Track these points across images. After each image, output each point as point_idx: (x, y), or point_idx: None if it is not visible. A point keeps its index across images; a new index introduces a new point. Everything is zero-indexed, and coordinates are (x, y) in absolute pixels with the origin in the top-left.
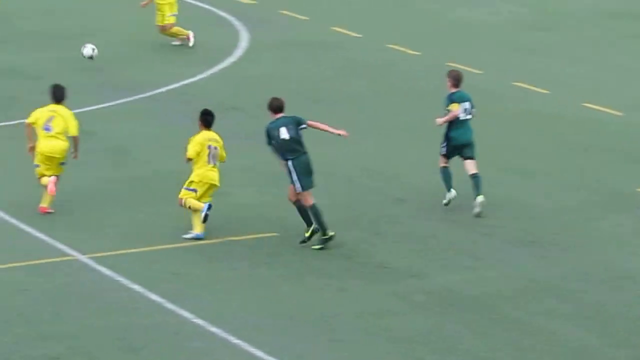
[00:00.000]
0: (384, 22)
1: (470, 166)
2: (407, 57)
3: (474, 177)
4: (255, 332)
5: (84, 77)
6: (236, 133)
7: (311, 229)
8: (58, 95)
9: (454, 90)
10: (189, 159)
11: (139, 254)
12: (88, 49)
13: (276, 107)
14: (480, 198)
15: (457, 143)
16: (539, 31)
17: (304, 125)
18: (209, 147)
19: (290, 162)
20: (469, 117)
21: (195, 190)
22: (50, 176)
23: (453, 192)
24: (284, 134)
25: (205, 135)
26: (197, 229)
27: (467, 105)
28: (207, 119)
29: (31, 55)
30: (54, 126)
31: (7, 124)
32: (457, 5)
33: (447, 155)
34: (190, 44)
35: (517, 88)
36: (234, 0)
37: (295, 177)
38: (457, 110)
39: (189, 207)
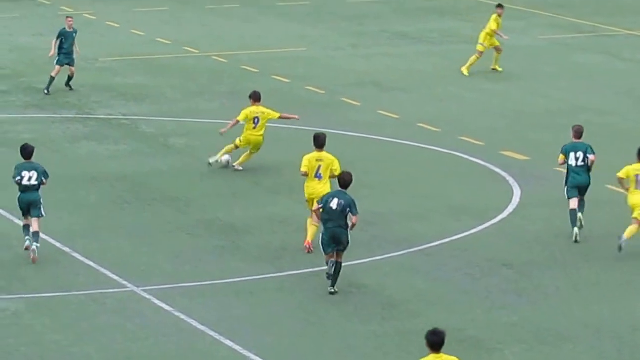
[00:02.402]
0: None
1: (573, 203)
2: None
3: (574, 211)
4: None
5: (355, 230)
6: (504, 290)
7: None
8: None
9: (574, 141)
10: None
11: None
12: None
13: (343, 183)
14: (576, 230)
15: (572, 185)
16: None
17: (352, 211)
18: None
19: (324, 230)
20: (580, 164)
21: None
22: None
23: (576, 230)
24: (334, 204)
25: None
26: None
27: (579, 154)
28: None
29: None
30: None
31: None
32: None
33: (569, 197)
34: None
35: None
36: (507, 156)
37: (321, 243)
38: (561, 160)
39: None
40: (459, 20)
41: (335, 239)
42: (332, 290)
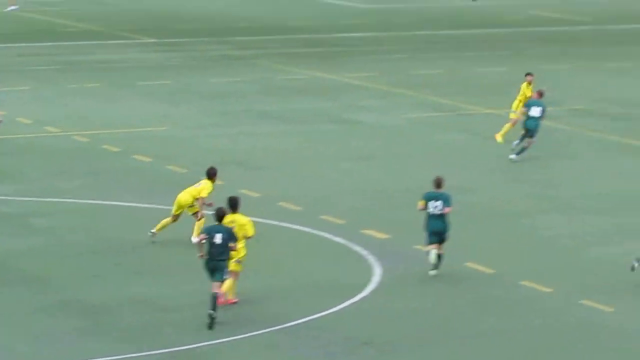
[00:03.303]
0: (518, 257)
1: (435, 248)
2: (540, 294)
3: (439, 255)
4: None
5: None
6: None
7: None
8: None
9: (434, 190)
10: None
11: None
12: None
13: (219, 216)
14: (433, 272)
15: (430, 231)
16: None
17: (232, 245)
18: None
19: (204, 262)
20: (437, 212)
21: None
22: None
23: (434, 272)
24: (217, 239)
25: None
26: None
27: (437, 203)
28: None
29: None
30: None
31: None
32: (593, 244)
33: (429, 243)
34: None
35: None
36: (368, 235)
37: (206, 271)
38: (420, 206)
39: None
40: (323, 99)
41: (217, 270)
42: (213, 314)
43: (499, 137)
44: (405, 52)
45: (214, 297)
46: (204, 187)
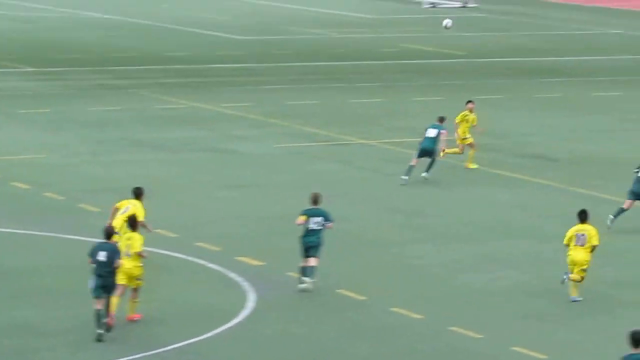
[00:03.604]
0: (389, 285)
1: (311, 261)
2: (411, 320)
3: (311, 267)
4: None
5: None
6: None
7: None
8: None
9: (310, 206)
10: None
11: None
12: (447, 22)
13: (108, 234)
14: (308, 283)
15: (305, 245)
16: (538, 298)
17: (117, 262)
18: None
19: (96, 279)
20: (317, 228)
21: None
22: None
23: (306, 280)
24: (102, 257)
25: None
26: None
27: (318, 219)
28: None
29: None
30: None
31: None
32: (461, 272)
33: (306, 256)
34: None
35: (516, 353)
36: (243, 262)
37: (92, 290)
38: (301, 220)
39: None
40: (199, 129)
41: (106, 288)
42: (101, 332)
43: (471, 165)
44: (281, 82)
45: (99, 314)
46: (137, 209)
